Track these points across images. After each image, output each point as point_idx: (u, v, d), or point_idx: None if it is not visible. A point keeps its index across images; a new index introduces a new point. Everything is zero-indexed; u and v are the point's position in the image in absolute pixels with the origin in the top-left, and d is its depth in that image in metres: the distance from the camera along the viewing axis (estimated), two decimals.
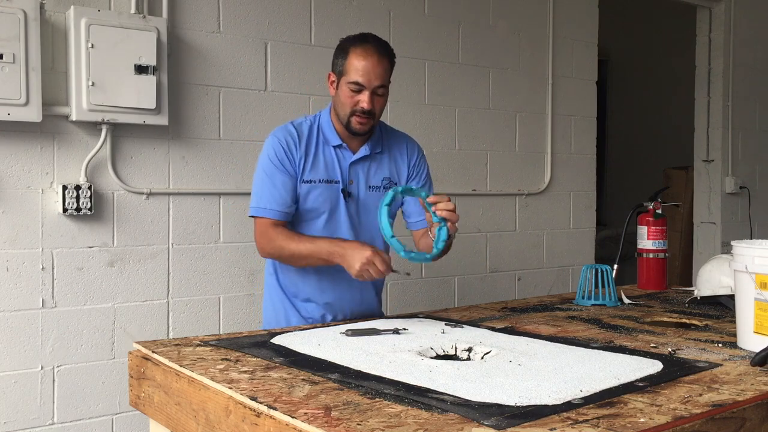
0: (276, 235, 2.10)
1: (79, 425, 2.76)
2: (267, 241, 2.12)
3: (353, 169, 2.20)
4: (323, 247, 2.04)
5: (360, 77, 2.07)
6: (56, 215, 2.69)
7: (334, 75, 2.16)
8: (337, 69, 2.14)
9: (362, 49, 2.09)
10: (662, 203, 2.77)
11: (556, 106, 4.11)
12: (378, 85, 2.09)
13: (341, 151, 2.19)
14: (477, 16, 3.80)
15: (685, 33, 5.38)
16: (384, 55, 2.11)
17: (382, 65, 2.10)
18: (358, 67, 2.07)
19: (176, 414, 1.52)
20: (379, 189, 2.23)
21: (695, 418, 1.21)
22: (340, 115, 2.15)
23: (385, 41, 2.16)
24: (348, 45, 2.12)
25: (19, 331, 2.64)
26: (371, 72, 2.07)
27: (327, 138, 2.19)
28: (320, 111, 2.27)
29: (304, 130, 2.18)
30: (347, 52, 2.10)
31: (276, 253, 2.13)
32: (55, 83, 2.66)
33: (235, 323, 3.06)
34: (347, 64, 2.09)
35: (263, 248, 2.15)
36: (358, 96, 2.09)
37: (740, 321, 1.76)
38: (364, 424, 1.16)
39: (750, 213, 5.11)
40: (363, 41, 2.11)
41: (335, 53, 2.17)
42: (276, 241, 2.10)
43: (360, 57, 2.08)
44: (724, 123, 4.95)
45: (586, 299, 2.45)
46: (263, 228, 2.13)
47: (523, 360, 1.59)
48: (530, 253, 4.05)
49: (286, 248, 2.09)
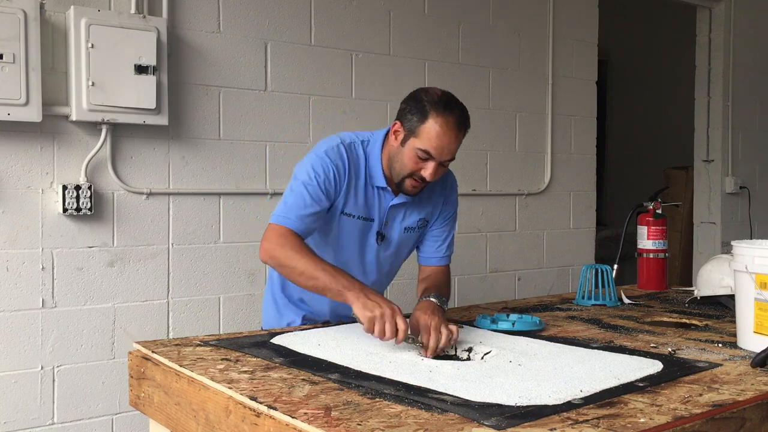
0: (293, 243, 1.90)
1: (79, 425, 2.76)
2: (278, 245, 1.90)
3: (391, 211, 2.08)
4: (342, 281, 1.81)
5: (433, 149, 1.90)
6: (56, 215, 2.69)
7: (403, 129, 1.95)
8: (409, 125, 1.93)
9: (444, 120, 1.89)
10: (662, 203, 2.77)
11: (556, 106, 4.11)
12: (448, 159, 1.95)
13: (383, 192, 2.05)
14: (477, 16, 3.80)
15: (685, 33, 5.38)
16: (463, 128, 1.94)
17: (458, 140, 1.93)
18: (433, 138, 1.89)
19: (176, 414, 1.52)
20: (414, 230, 2.13)
21: (695, 418, 1.21)
22: (396, 171, 1.99)
23: (465, 109, 1.96)
24: (429, 107, 1.90)
25: (19, 331, 2.64)
26: (446, 147, 1.91)
27: (372, 176, 2.04)
28: (371, 136, 2.08)
29: (354, 158, 2.02)
30: (426, 114, 1.90)
31: (282, 260, 1.90)
32: (55, 83, 2.66)
33: (235, 323, 3.06)
34: (422, 129, 1.90)
35: (270, 250, 1.91)
36: (424, 164, 1.93)
37: (740, 321, 1.76)
38: (364, 424, 1.16)
39: (750, 213, 5.11)
40: (447, 110, 1.90)
41: (411, 104, 1.95)
42: (289, 249, 1.89)
43: (439, 127, 1.89)
44: (724, 123, 4.95)
45: (586, 299, 2.45)
46: (281, 231, 1.92)
47: (523, 360, 1.59)
48: (530, 253, 4.05)
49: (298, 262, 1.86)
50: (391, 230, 2.10)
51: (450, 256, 2.23)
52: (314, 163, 1.99)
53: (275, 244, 1.91)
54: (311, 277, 1.84)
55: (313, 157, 2.01)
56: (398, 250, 2.15)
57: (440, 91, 1.96)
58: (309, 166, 1.99)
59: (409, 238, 2.15)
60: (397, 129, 1.98)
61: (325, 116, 3.28)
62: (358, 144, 2.05)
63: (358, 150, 2.04)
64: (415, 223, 2.13)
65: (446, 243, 2.20)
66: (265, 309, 2.28)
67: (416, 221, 2.13)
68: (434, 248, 2.19)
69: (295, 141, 3.20)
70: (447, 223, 2.20)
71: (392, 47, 3.51)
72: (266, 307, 2.27)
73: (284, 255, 1.89)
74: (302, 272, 1.86)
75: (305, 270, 1.85)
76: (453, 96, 1.97)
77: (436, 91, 1.96)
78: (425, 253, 2.21)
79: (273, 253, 1.91)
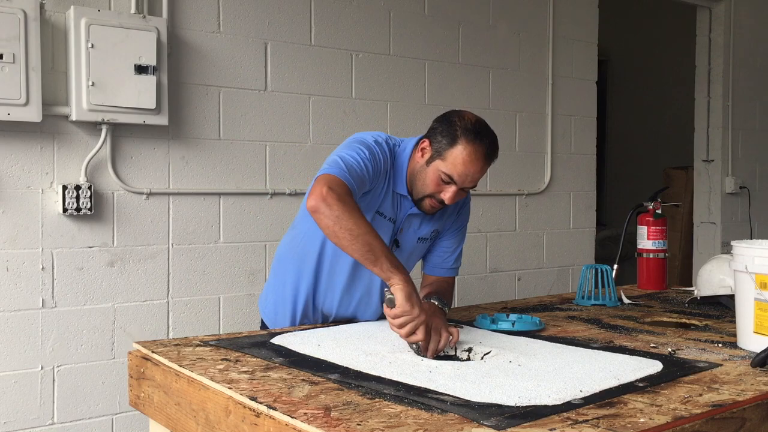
0: (351, 200, 1.75)
1: (79, 425, 2.76)
2: (339, 195, 1.72)
3: (408, 219, 2.04)
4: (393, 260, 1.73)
5: (457, 176, 1.88)
6: (56, 215, 2.69)
7: (431, 148, 1.92)
8: (437, 147, 1.90)
9: (473, 149, 1.86)
10: (662, 203, 2.77)
11: (556, 106, 4.11)
12: (470, 186, 1.93)
13: (402, 198, 2.02)
14: (477, 16, 3.80)
15: (685, 33, 5.39)
16: (491, 159, 1.91)
17: (484, 170, 1.91)
18: (459, 164, 1.87)
19: (176, 414, 1.52)
20: (426, 240, 2.11)
21: (695, 418, 1.21)
22: (417, 189, 1.96)
23: (496, 139, 1.92)
24: (460, 133, 1.87)
25: (19, 331, 2.64)
26: (471, 175, 1.89)
27: (396, 182, 2.00)
28: (401, 142, 2.04)
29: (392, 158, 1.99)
30: (456, 140, 1.87)
31: (338, 212, 1.71)
32: (55, 83, 2.66)
33: (234, 323, 3.06)
34: (450, 153, 1.87)
35: (328, 198, 1.72)
36: (445, 186, 1.91)
37: (740, 321, 1.76)
38: (363, 424, 1.16)
39: (750, 213, 5.11)
40: (478, 139, 1.87)
41: (443, 126, 1.91)
42: (348, 203, 1.73)
43: (467, 155, 1.86)
44: (724, 123, 4.95)
45: (586, 299, 2.45)
46: (340, 183, 1.77)
47: (523, 360, 1.59)
48: (530, 253, 4.05)
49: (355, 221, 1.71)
50: (405, 238, 2.07)
51: (457, 269, 2.20)
52: (367, 141, 1.94)
53: (336, 193, 1.73)
54: (365, 242, 1.70)
55: (365, 137, 1.96)
56: (409, 258, 2.12)
57: (474, 118, 1.93)
58: (364, 141, 1.93)
59: (420, 248, 2.12)
60: (425, 147, 1.94)
61: (325, 116, 3.28)
62: (393, 145, 2.03)
63: (395, 150, 2.02)
64: (429, 234, 2.10)
65: (455, 255, 2.18)
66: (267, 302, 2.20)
67: (430, 232, 2.10)
68: (442, 259, 2.16)
69: (295, 141, 3.20)
70: (458, 235, 2.17)
71: (392, 47, 3.51)
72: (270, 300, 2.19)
73: (342, 207, 1.71)
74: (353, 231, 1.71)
75: (361, 233, 1.70)
76: (486, 125, 1.94)
77: (471, 117, 1.93)
78: (432, 263, 2.17)
79: (330, 201, 1.72)
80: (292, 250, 2.14)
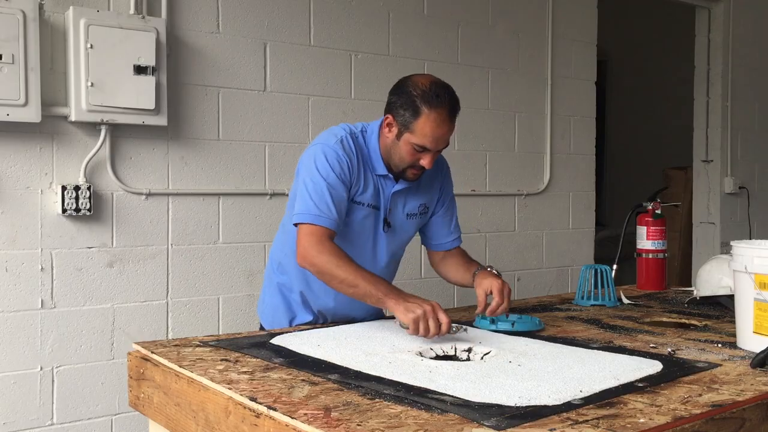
0: (332, 249, 1.91)
1: (79, 426, 2.75)
2: (318, 252, 1.90)
3: (393, 198, 2.09)
4: (381, 288, 1.85)
5: (429, 144, 1.93)
6: (55, 216, 2.69)
7: (395, 123, 1.96)
8: (402, 120, 1.94)
9: (437, 114, 1.91)
10: (661, 203, 2.77)
11: (555, 107, 4.11)
12: (444, 146, 1.99)
13: (384, 179, 2.07)
14: (476, 17, 3.80)
15: (684, 33, 5.38)
16: (455, 114, 1.96)
17: (452, 128, 1.96)
18: (428, 133, 1.92)
19: (176, 415, 1.52)
20: (415, 216, 2.15)
21: (695, 418, 1.21)
22: (395, 163, 2.02)
23: (453, 92, 1.97)
24: (420, 104, 1.91)
25: (19, 332, 2.64)
26: (441, 138, 1.94)
27: (374, 165, 2.06)
28: (367, 127, 2.10)
29: (359, 148, 2.05)
30: (418, 111, 1.91)
31: (323, 269, 1.90)
32: (55, 84, 2.66)
33: (234, 324, 3.06)
34: (416, 126, 1.92)
35: (310, 257, 1.91)
36: (421, 155, 1.96)
37: (740, 321, 1.76)
38: (363, 424, 1.16)
39: (749, 213, 5.12)
40: (438, 104, 1.91)
41: (400, 98, 1.95)
42: (328, 256, 1.89)
43: (432, 121, 1.91)
44: (724, 123, 4.95)
45: (585, 299, 2.45)
46: (318, 236, 1.92)
47: (523, 360, 1.59)
48: (529, 254, 4.05)
49: (339, 270, 1.88)
50: (395, 217, 2.13)
51: (460, 237, 2.29)
52: (327, 154, 1.99)
53: (315, 251, 1.91)
54: (352, 284, 1.87)
55: (323, 150, 2.00)
56: (401, 236, 2.18)
57: (428, 81, 1.96)
58: (322, 159, 1.98)
59: (410, 224, 2.17)
60: (390, 122, 1.99)
61: (324, 116, 3.28)
62: (358, 134, 2.08)
63: (359, 140, 2.07)
64: (416, 209, 2.16)
65: (453, 224, 2.27)
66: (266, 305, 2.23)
67: (417, 207, 2.16)
68: (445, 232, 2.24)
69: (294, 141, 3.20)
70: (449, 205, 2.25)
71: (392, 47, 3.51)
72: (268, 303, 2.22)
73: (324, 263, 1.89)
74: (343, 280, 1.88)
75: (346, 278, 1.87)
76: (440, 82, 1.97)
77: (424, 81, 1.96)
78: (437, 239, 2.26)
79: (313, 261, 1.91)
80: (284, 251, 2.18)
